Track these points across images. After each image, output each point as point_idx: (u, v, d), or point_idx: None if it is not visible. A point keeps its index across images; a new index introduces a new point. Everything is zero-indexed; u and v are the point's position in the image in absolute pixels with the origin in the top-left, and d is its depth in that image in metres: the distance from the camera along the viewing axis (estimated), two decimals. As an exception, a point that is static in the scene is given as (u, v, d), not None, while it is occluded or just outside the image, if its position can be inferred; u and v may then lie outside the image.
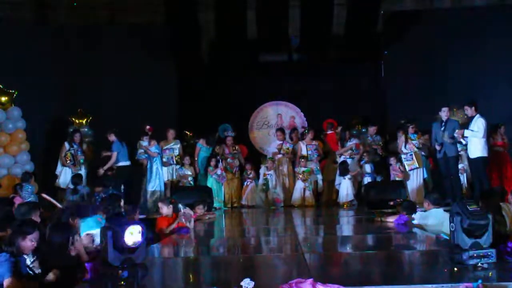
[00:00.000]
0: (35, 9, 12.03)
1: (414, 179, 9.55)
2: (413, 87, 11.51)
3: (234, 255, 5.16)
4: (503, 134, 9.73)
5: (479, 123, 8.39)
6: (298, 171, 10.19)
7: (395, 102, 11.66)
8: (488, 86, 10.92)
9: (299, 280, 3.10)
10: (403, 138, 9.67)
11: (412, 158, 9.51)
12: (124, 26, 12.05)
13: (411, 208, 6.74)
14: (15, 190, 8.73)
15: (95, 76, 11.25)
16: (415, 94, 11.38)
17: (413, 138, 9.67)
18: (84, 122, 11.16)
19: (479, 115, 8.46)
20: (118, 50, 11.38)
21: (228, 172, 10.49)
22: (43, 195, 8.14)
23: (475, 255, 3.51)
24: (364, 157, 10.20)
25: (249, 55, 12.51)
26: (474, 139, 8.45)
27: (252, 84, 12.31)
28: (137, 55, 11.35)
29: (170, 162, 10.24)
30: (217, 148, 10.75)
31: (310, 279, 3.09)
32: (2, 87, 10.12)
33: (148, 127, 10.25)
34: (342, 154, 10.27)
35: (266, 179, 10.33)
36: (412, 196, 9.23)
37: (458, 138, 8.63)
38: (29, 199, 8.22)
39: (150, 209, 9.51)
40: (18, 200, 7.91)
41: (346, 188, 9.88)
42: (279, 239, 6.39)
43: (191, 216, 6.82)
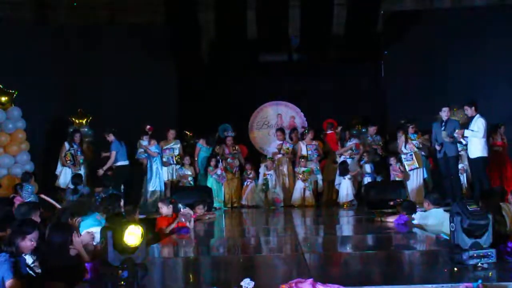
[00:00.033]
0: (35, 9, 12.03)
1: (414, 179, 9.55)
2: (413, 87, 11.51)
3: (234, 255, 5.16)
4: (502, 134, 9.75)
5: (479, 123, 8.39)
6: (298, 171, 10.19)
7: (395, 102, 11.66)
8: (488, 86, 10.92)
9: (299, 280, 3.10)
10: (403, 138, 9.67)
11: (412, 158, 9.51)
12: (124, 26, 12.05)
13: (411, 208, 6.74)
14: (15, 190, 8.73)
15: (95, 76, 11.25)
16: (415, 94, 11.39)
17: (413, 138, 9.67)
18: (84, 122, 11.16)
19: (479, 115, 8.46)
20: (118, 50, 11.38)
21: (228, 172, 10.49)
22: (42, 196, 8.14)
23: (475, 255, 3.51)
24: (364, 157, 10.20)
25: (249, 55, 12.50)
26: (474, 139, 8.45)
27: (252, 84, 12.31)
28: (137, 55, 11.36)
29: (170, 162, 10.24)
30: (217, 148, 10.75)
31: (310, 279, 3.10)
32: (2, 87, 10.12)
33: (149, 127, 10.26)
34: (342, 154, 10.26)
35: (266, 179, 10.33)
36: (412, 196, 9.23)
37: (458, 138, 8.63)
38: (29, 199, 8.21)
39: (150, 209, 9.50)
40: (18, 200, 7.91)
41: (346, 188, 9.88)
42: (279, 239, 6.39)
43: (191, 216, 6.82)
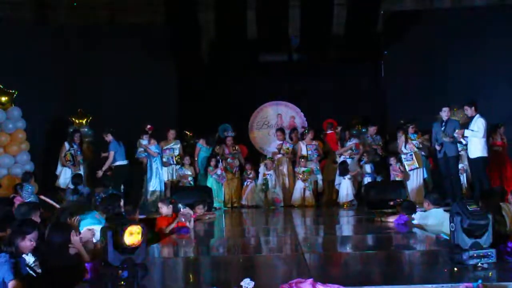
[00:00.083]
0: (35, 9, 12.03)
1: (414, 179, 9.56)
2: (413, 87, 11.52)
3: (234, 255, 5.15)
4: (502, 134, 9.74)
5: (479, 123, 8.39)
6: (298, 171, 10.18)
7: (395, 102, 11.67)
8: (488, 86, 10.92)
9: (299, 280, 3.10)
10: (403, 138, 9.67)
11: (412, 158, 9.51)
12: (124, 26, 12.05)
13: (411, 208, 6.73)
14: (15, 190, 8.73)
15: (95, 76, 11.25)
16: (415, 94, 11.39)
17: (413, 138, 9.67)
18: (84, 122, 11.16)
19: (479, 115, 8.46)
20: (118, 50, 11.37)
21: (228, 172, 10.48)
22: (41, 197, 8.14)
23: (475, 255, 3.51)
24: (364, 157, 10.20)
25: (249, 55, 12.50)
26: (474, 139, 8.45)
27: (252, 84, 12.31)
28: (137, 55, 11.36)
29: (170, 162, 10.24)
30: (217, 148, 10.74)
31: (310, 279, 3.09)
32: (2, 87, 10.12)
33: (149, 126, 10.26)
34: (342, 154, 10.26)
35: (266, 179, 10.32)
36: (412, 196, 9.23)
37: (458, 138, 8.63)
38: (29, 199, 8.21)
39: (150, 209, 9.50)
40: (18, 200, 7.91)
41: (346, 188, 9.88)
42: (279, 239, 6.39)
43: (191, 216, 6.82)
